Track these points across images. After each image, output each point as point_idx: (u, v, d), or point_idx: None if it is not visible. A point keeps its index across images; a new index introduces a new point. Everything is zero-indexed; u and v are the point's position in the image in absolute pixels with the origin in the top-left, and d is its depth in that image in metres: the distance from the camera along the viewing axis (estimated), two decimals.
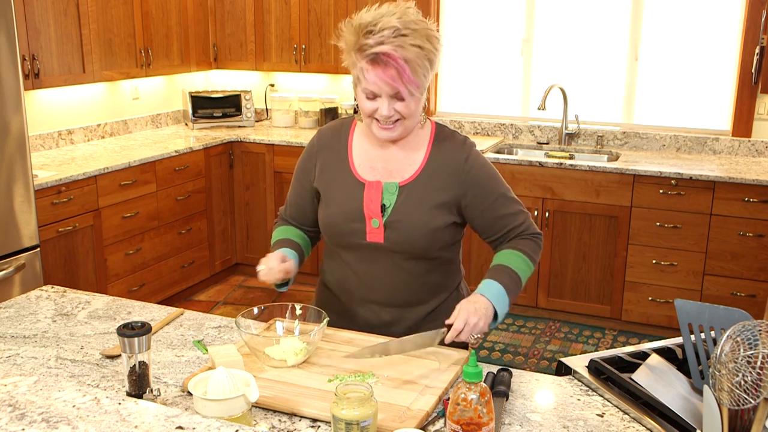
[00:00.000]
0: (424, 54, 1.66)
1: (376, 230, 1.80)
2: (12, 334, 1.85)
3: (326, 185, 1.88)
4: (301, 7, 4.95)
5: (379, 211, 1.79)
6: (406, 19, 1.66)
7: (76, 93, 4.50)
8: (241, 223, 5.04)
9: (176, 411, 1.13)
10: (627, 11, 4.58)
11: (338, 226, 1.84)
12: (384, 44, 1.63)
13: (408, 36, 1.64)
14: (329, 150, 1.89)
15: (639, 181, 4.04)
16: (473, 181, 1.81)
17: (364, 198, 1.80)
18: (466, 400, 1.27)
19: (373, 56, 1.64)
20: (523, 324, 4.40)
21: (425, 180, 1.81)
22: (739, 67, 4.31)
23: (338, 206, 1.84)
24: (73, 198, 3.71)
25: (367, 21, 1.66)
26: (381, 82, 1.66)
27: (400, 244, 1.80)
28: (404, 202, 1.80)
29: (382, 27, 1.64)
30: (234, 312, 4.44)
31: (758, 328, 1.24)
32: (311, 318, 1.77)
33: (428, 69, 1.69)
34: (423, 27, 1.67)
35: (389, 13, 1.67)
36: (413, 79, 1.66)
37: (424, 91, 1.73)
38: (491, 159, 4.29)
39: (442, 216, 1.81)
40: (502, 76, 4.98)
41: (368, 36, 1.65)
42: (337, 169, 1.86)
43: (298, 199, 1.96)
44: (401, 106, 1.70)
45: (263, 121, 5.54)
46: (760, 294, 3.91)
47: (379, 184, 1.81)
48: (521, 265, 1.80)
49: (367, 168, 1.84)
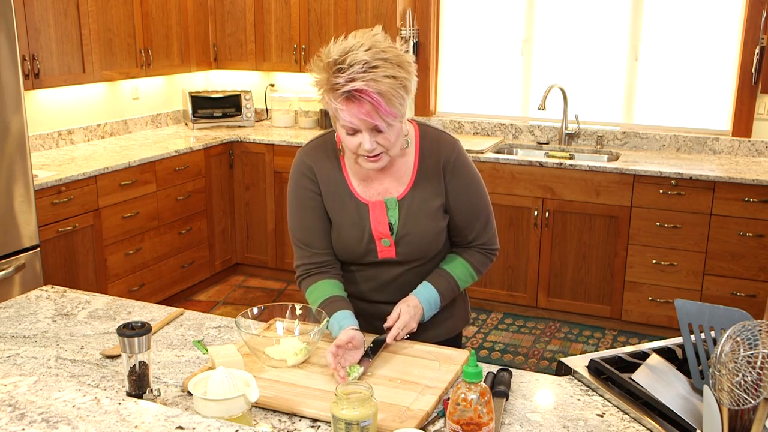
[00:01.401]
0: (398, 83, 1.62)
1: (387, 248, 1.82)
2: (12, 334, 1.85)
3: (334, 210, 1.85)
4: (301, 7, 4.95)
5: (388, 230, 1.81)
6: (375, 50, 1.61)
7: (76, 93, 4.50)
8: (241, 223, 5.04)
9: (176, 411, 1.13)
10: (627, 11, 4.58)
11: (351, 250, 1.84)
12: (355, 81, 1.58)
13: (379, 68, 1.59)
14: (325, 172, 1.84)
15: (639, 181, 4.04)
16: (457, 183, 1.84)
17: (371, 220, 1.81)
18: (466, 400, 1.27)
19: (346, 94, 1.60)
20: (523, 324, 4.40)
21: (420, 189, 1.82)
22: (739, 67, 4.31)
23: (349, 230, 1.83)
24: (73, 198, 3.71)
25: (334, 58, 1.61)
26: (357, 119, 1.62)
27: (411, 254, 1.84)
28: (408, 216, 1.81)
29: (351, 62, 1.58)
30: (234, 312, 4.44)
31: (758, 328, 1.24)
32: (311, 318, 1.77)
33: (404, 97, 1.65)
34: (393, 54, 1.63)
35: (357, 45, 1.62)
36: (389, 111, 1.62)
37: (402, 119, 1.69)
38: (491, 159, 4.30)
39: (442, 218, 1.85)
40: (502, 76, 4.98)
41: (338, 74, 1.59)
42: (339, 191, 1.84)
43: (317, 224, 1.85)
44: (382, 138, 1.67)
45: (263, 121, 5.54)
46: (760, 294, 3.91)
47: (381, 203, 1.81)
48: (464, 277, 1.90)
49: (364, 188, 1.83)
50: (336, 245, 1.86)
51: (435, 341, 1.83)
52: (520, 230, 4.35)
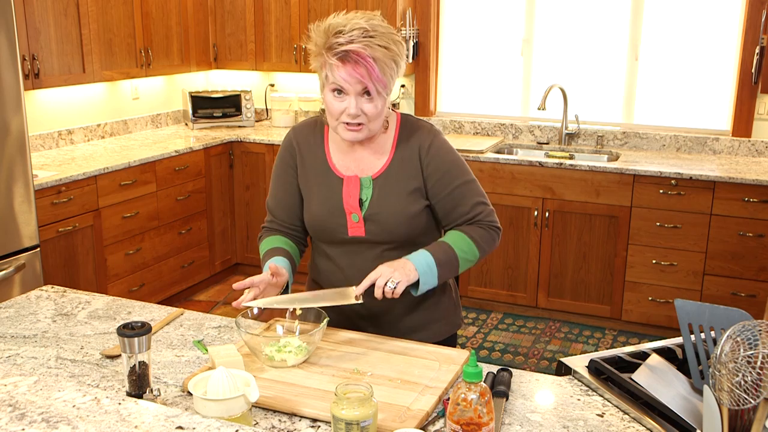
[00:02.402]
0: (391, 55, 1.74)
1: (357, 224, 1.85)
2: (12, 334, 1.85)
3: (307, 182, 1.92)
4: (301, 7, 4.95)
5: (358, 205, 1.84)
6: (374, 23, 1.76)
7: (76, 93, 4.50)
8: (241, 223, 5.04)
9: (176, 411, 1.13)
10: (627, 11, 4.58)
11: (321, 223, 1.89)
12: (354, 43, 1.70)
13: (375, 37, 1.72)
14: (308, 148, 1.93)
15: (639, 181, 4.04)
16: (436, 167, 1.86)
17: (343, 194, 1.85)
18: (466, 400, 1.27)
19: (343, 54, 1.70)
20: (523, 324, 4.40)
21: (395, 170, 1.86)
22: (739, 67, 4.31)
23: (319, 203, 1.88)
24: (73, 198, 3.71)
25: (336, 23, 1.75)
26: (351, 78, 1.71)
27: (380, 235, 1.85)
28: (379, 194, 1.84)
29: (351, 28, 1.72)
30: (234, 312, 4.44)
31: (758, 328, 1.24)
32: (311, 318, 1.77)
33: (394, 70, 1.76)
34: (388, 31, 1.77)
35: (357, 17, 1.76)
36: (381, 78, 1.72)
37: (389, 93, 1.79)
38: (491, 159, 4.30)
39: (416, 202, 1.86)
40: (502, 76, 4.98)
41: (338, 36, 1.72)
42: (317, 166, 1.91)
43: (285, 197, 1.96)
44: (369, 107, 1.75)
45: (263, 121, 5.54)
46: (760, 294, 3.91)
47: (357, 178, 1.86)
48: (463, 247, 1.82)
49: (343, 164, 1.89)
50: (307, 219, 1.92)
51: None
52: (520, 230, 4.36)
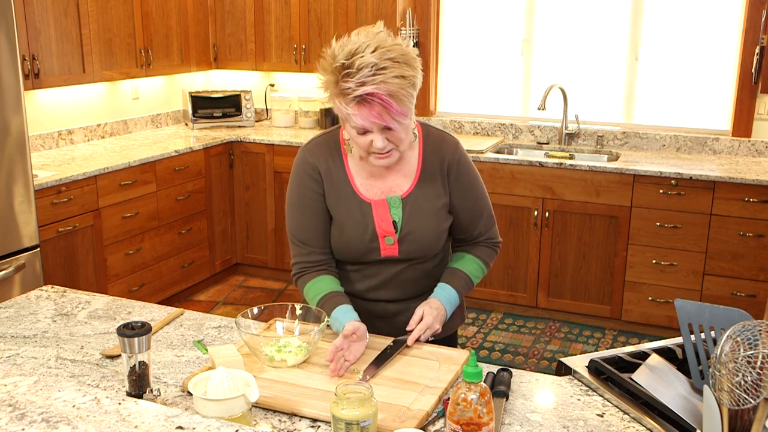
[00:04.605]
0: (407, 82, 1.63)
1: (391, 246, 1.83)
2: (12, 334, 1.85)
3: (335, 209, 1.85)
4: (301, 7, 4.95)
5: (392, 228, 1.82)
6: (382, 50, 1.61)
7: (76, 93, 4.50)
8: (241, 223, 5.04)
9: (176, 411, 1.13)
10: (627, 11, 4.58)
11: (354, 248, 1.84)
12: (366, 85, 1.59)
13: (387, 69, 1.60)
14: (328, 170, 1.84)
15: (639, 181, 4.04)
16: (461, 184, 1.87)
17: (374, 218, 1.81)
18: (466, 400, 1.27)
19: (357, 99, 1.61)
20: (523, 324, 4.40)
21: (423, 186, 1.84)
22: (739, 67, 4.31)
23: (352, 230, 1.83)
24: (73, 198, 3.71)
25: (342, 62, 1.61)
26: (368, 121, 1.64)
27: (414, 252, 1.85)
28: (411, 214, 1.82)
29: (359, 66, 1.59)
30: (234, 312, 4.44)
31: (758, 328, 1.24)
32: (311, 318, 1.77)
33: (412, 95, 1.67)
34: (399, 53, 1.63)
35: (363, 46, 1.61)
36: (400, 110, 1.63)
37: (412, 114, 1.72)
38: (491, 159, 4.30)
39: (446, 217, 1.87)
40: (502, 76, 4.98)
41: (347, 79, 1.60)
42: (341, 189, 1.84)
43: (316, 223, 1.85)
44: (393, 136, 1.69)
45: (263, 121, 5.54)
46: (760, 294, 3.91)
47: (384, 201, 1.82)
48: (476, 272, 1.93)
49: (367, 186, 1.84)
50: (338, 244, 1.85)
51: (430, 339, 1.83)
52: (520, 230, 4.35)
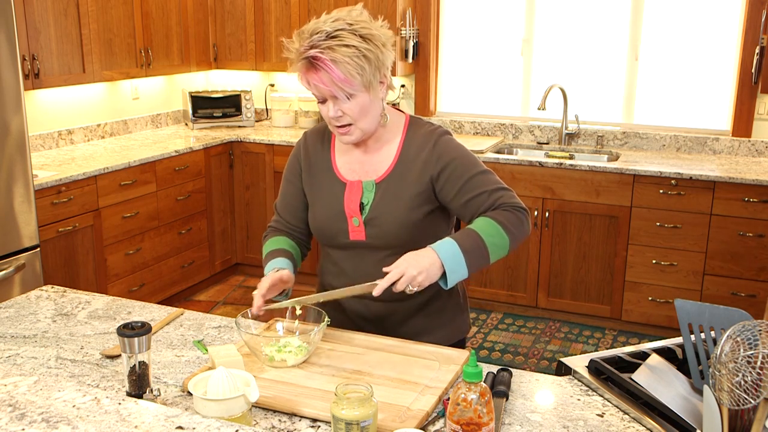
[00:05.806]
0: (357, 52, 1.65)
1: (357, 228, 1.84)
2: (12, 334, 1.85)
3: (312, 187, 1.92)
4: (301, 7, 4.95)
5: (358, 209, 1.83)
6: (342, 21, 1.67)
7: (76, 93, 4.50)
8: (241, 223, 5.04)
9: (176, 411, 1.13)
10: (627, 11, 4.58)
11: (323, 226, 1.89)
12: (313, 48, 1.65)
13: (338, 37, 1.64)
14: (315, 152, 1.93)
15: (639, 181, 4.04)
16: (444, 164, 1.79)
17: (344, 198, 1.84)
18: (466, 400, 1.27)
19: (304, 61, 1.67)
20: (523, 324, 4.40)
21: (399, 174, 1.82)
22: (739, 67, 4.31)
23: (322, 207, 1.88)
24: (73, 198, 3.71)
25: (305, 29, 1.69)
26: (313, 86, 1.69)
27: (380, 239, 1.82)
28: (381, 199, 1.82)
29: (314, 31, 1.66)
30: (234, 312, 4.44)
31: (758, 328, 1.24)
32: (311, 318, 1.77)
33: (364, 67, 1.66)
34: (361, 26, 1.67)
35: (331, 18, 1.68)
36: (345, 79, 1.65)
37: (369, 91, 1.71)
38: (491, 159, 4.30)
39: (420, 207, 1.81)
40: (502, 76, 4.98)
41: (301, 42, 1.68)
42: (322, 170, 1.90)
43: (291, 200, 1.97)
44: (348, 106, 1.71)
45: (263, 121, 5.54)
46: (760, 294, 3.91)
47: (359, 183, 1.84)
48: (491, 232, 1.70)
49: (348, 169, 1.88)
50: (311, 223, 1.93)
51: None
52: None
